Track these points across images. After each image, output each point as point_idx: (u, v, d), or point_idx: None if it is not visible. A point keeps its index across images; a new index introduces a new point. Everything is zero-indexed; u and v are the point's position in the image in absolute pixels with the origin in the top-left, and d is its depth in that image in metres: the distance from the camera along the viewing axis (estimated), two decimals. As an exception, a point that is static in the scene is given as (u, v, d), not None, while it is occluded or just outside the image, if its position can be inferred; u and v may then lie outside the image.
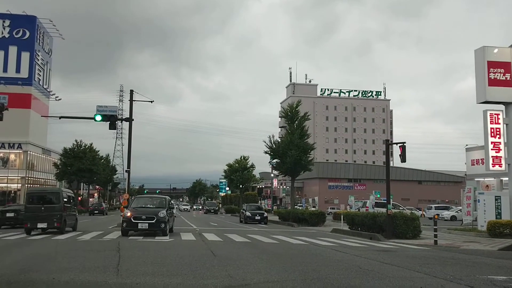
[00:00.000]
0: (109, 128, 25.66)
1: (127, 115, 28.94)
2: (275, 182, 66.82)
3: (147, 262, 9.21)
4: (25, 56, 54.78)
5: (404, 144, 19.66)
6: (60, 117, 32.99)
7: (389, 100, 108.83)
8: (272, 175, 48.79)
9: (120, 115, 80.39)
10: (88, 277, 7.41)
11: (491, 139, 19.91)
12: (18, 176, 54.04)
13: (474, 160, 30.09)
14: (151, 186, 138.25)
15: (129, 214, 16.50)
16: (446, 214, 42.27)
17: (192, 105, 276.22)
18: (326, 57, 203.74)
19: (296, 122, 37.72)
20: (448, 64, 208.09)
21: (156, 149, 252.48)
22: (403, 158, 19.62)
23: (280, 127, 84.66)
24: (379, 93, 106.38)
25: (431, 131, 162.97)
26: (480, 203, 21.86)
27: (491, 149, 19.88)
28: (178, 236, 16.72)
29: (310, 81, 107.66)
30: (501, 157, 19.84)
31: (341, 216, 24.86)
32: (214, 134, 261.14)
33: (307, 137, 38.07)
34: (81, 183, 57.92)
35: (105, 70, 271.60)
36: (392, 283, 7.27)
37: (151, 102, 29.09)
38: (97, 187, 78.05)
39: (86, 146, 54.02)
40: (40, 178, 59.36)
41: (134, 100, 28.71)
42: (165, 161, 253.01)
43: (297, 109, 37.97)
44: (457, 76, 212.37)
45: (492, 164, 19.83)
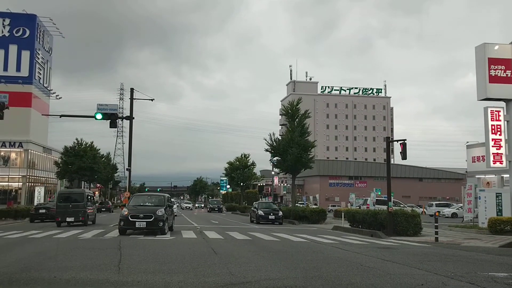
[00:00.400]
0: (110, 127, 25.67)
1: (128, 114, 28.96)
2: (276, 180, 66.74)
3: (148, 260, 9.22)
4: (25, 54, 54.71)
5: (405, 141, 19.66)
6: (61, 116, 33.11)
7: (390, 97, 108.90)
8: (272, 173, 48.73)
9: (121, 113, 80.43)
10: (89, 275, 7.42)
11: (492, 136, 19.92)
12: (19, 175, 54.04)
13: (475, 157, 30.05)
14: (152, 184, 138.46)
15: (126, 212, 16.10)
16: (447, 211, 42.28)
17: (192, 103, 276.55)
18: (326, 55, 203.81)
19: (297, 120, 37.69)
20: (448, 61, 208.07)
21: (156, 147, 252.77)
22: (403, 155, 19.62)
23: (280, 125, 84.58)
24: (380, 91, 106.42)
25: (432, 128, 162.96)
26: (481, 200, 21.88)
27: (492, 146, 19.89)
28: (179, 234, 16.71)
29: (310, 79, 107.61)
30: (502, 154, 19.84)
31: (342, 213, 24.88)
32: (215, 132, 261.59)
33: (308, 134, 38.05)
34: (82, 182, 57.87)
35: (106, 69, 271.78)
36: (393, 280, 7.27)
37: (152, 100, 29.12)
38: (98, 185, 78.09)
39: (87, 145, 53.98)
40: (41, 177, 59.33)
41: (135, 99, 28.75)
42: (166, 159, 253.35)
43: (297, 107, 37.93)
44: (457, 73, 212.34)
45: (493, 161, 19.85)
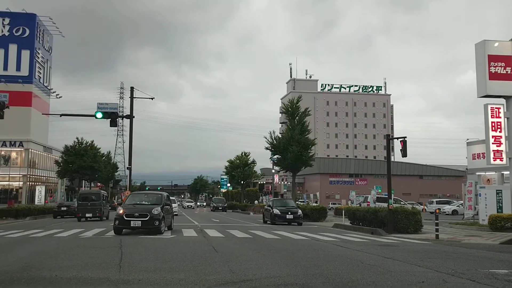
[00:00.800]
0: (110, 126, 25.67)
1: (128, 112, 28.99)
2: (276, 178, 66.61)
3: (149, 259, 9.24)
4: (25, 54, 54.73)
5: (405, 138, 19.64)
6: (61, 115, 33.21)
7: (390, 95, 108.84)
8: (273, 171, 48.63)
9: (121, 112, 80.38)
10: (90, 274, 7.43)
11: (492, 133, 19.90)
12: (19, 174, 54.12)
13: (475, 154, 30.03)
14: (153, 183, 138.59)
15: (121, 211, 15.64)
16: (448, 208, 42.29)
17: (192, 101, 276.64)
18: (326, 53, 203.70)
19: (297, 117, 37.72)
20: (449, 58, 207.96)
21: (157, 146, 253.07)
22: (404, 152, 19.61)
23: (280, 123, 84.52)
24: (380, 88, 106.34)
25: (432, 126, 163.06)
26: (481, 197, 21.88)
27: (492, 143, 19.87)
28: (180, 232, 16.71)
29: (310, 77, 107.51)
30: (502, 151, 19.83)
31: (342, 211, 24.89)
32: (215, 130, 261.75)
33: (308, 132, 38.09)
34: (83, 181, 57.87)
35: (106, 68, 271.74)
36: (393, 278, 7.28)
37: (152, 99, 29.12)
38: (98, 184, 78.13)
39: (87, 144, 53.98)
40: (41, 176, 59.38)
41: (135, 97, 28.77)
42: (166, 158, 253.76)
43: (297, 105, 37.95)
44: (458, 70, 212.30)
45: (493, 158, 19.83)
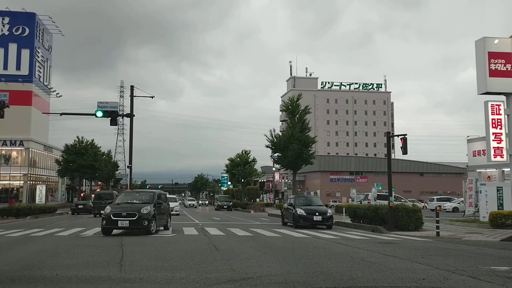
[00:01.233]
0: (110, 124, 25.61)
1: (128, 111, 28.97)
2: (276, 176, 66.75)
3: (150, 257, 9.24)
4: (25, 53, 54.67)
5: (405, 136, 19.62)
6: (61, 114, 33.21)
7: (390, 92, 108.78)
8: (273, 169, 48.77)
9: (121, 111, 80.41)
10: (91, 273, 7.42)
11: (492, 130, 19.86)
12: (20, 173, 54.12)
13: (475, 151, 30.07)
14: (154, 181, 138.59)
15: (109, 210, 14.72)
16: (448, 205, 42.30)
17: (193, 99, 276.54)
18: (326, 50, 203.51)
19: (297, 115, 37.72)
20: (449, 55, 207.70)
21: (158, 144, 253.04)
22: (404, 150, 19.60)
23: (281, 121, 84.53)
24: (380, 86, 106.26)
25: (433, 123, 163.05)
26: (482, 194, 21.89)
27: (493, 140, 19.83)
28: (181, 231, 16.73)
29: (310, 74, 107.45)
30: (502, 148, 19.79)
31: (343, 209, 24.89)
32: (215, 128, 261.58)
33: (308, 130, 38.10)
34: (83, 179, 57.94)
35: (106, 66, 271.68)
36: (394, 275, 7.28)
37: (152, 97, 29.09)
38: (99, 183, 78.20)
39: (88, 143, 54.02)
40: (42, 175, 59.36)
41: (135, 96, 28.74)
42: (167, 157, 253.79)
43: (297, 103, 37.96)
44: (458, 67, 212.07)
45: (493, 155, 19.79)
